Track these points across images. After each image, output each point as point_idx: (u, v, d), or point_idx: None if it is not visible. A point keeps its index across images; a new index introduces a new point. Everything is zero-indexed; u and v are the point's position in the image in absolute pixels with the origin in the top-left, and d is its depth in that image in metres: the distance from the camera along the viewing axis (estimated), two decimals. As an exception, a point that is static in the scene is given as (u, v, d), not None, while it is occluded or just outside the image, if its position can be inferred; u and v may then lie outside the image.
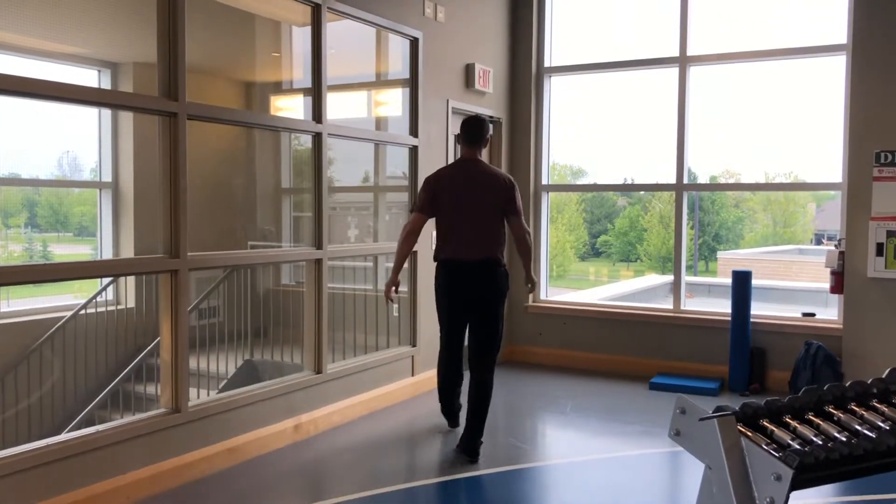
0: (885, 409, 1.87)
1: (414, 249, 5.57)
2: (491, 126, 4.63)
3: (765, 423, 1.78)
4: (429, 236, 5.72)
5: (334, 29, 4.77)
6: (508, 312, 6.87)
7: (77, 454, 3.33)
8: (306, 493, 3.87)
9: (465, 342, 4.45)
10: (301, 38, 5.12)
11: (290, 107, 6.59)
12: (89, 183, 6.39)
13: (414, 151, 5.55)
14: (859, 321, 5.43)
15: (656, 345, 6.27)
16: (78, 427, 4.53)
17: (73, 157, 6.52)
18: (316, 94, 4.65)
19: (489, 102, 6.47)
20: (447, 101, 5.86)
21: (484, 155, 4.51)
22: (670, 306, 6.39)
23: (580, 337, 6.47)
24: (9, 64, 5.37)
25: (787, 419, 1.81)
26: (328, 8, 4.63)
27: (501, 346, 6.30)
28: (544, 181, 6.87)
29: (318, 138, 4.66)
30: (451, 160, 6.00)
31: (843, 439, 1.72)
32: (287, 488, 3.87)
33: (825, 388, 1.89)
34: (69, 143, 6.24)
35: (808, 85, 6.37)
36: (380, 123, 5.91)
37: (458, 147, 4.55)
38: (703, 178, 7.55)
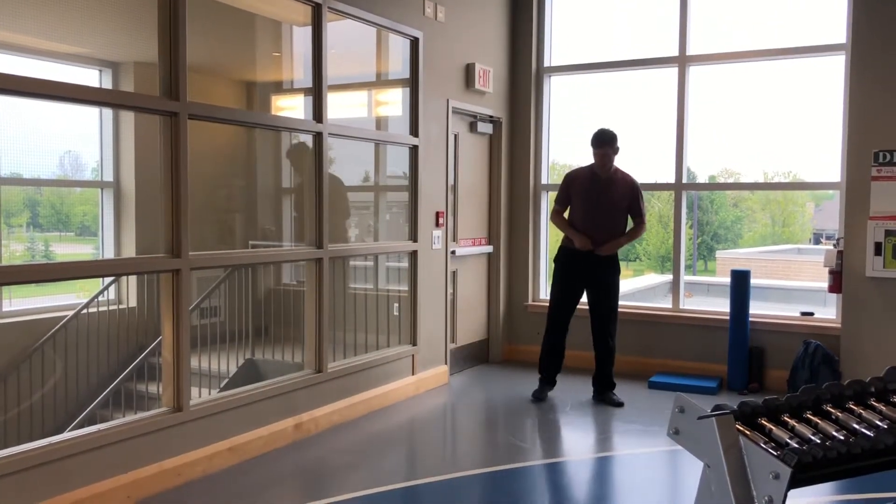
0: (883, 408, 1.88)
1: (414, 248, 5.59)
2: (606, 137, 5.33)
3: (763, 421, 1.79)
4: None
5: (335, 29, 4.78)
6: (507, 312, 6.90)
7: (79, 453, 3.34)
8: (306, 492, 3.89)
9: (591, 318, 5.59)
10: (302, 37, 5.12)
11: (291, 106, 6.59)
12: (91, 182, 6.40)
13: (414, 151, 5.56)
14: (857, 320, 5.45)
15: (655, 344, 6.28)
16: (80, 426, 4.55)
17: (75, 157, 6.53)
18: (316, 93, 4.66)
19: (489, 102, 6.48)
20: (447, 100, 5.87)
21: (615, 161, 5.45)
22: (669, 305, 6.41)
23: (579, 336, 6.46)
24: (10, 64, 5.38)
25: (786, 418, 1.82)
26: (329, 8, 4.64)
27: (504, 343, 6.33)
28: (544, 181, 6.88)
29: (318, 138, 4.67)
30: (451, 160, 6.02)
31: (842, 438, 1.73)
32: (287, 487, 3.89)
33: (823, 386, 1.90)
34: (71, 142, 6.25)
35: (807, 85, 6.38)
36: (380, 123, 5.92)
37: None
38: (702, 178, 7.56)
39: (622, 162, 5.47)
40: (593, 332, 5.47)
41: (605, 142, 5.27)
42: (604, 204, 5.32)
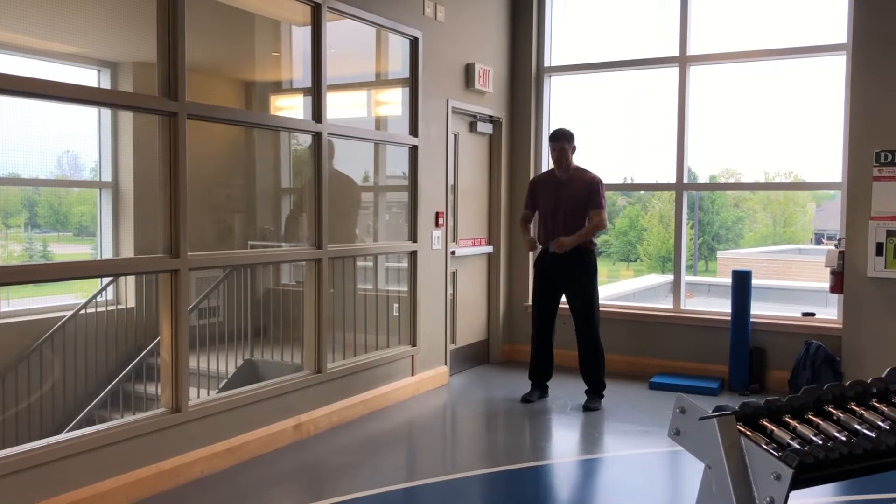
0: (885, 409, 1.87)
1: (414, 248, 5.58)
2: (562, 132, 5.35)
3: (764, 422, 1.78)
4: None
5: (334, 28, 4.77)
6: (507, 312, 6.89)
7: (77, 454, 3.33)
8: (306, 493, 3.87)
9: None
10: (301, 37, 5.12)
11: (290, 106, 6.58)
12: (89, 182, 6.39)
13: (414, 151, 5.55)
14: (859, 321, 5.44)
15: (656, 344, 6.27)
16: (78, 427, 4.53)
17: (73, 157, 6.52)
18: (316, 93, 4.65)
19: (489, 102, 6.47)
20: (447, 100, 5.86)
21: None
22: (670, 306, 6.40)
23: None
24: (9, 64, 5.37)
25: (787, 419, 1.80)
26: (328, 7, 4.63)
27: (504, 343, 6.32)
28: (544, 181, 6.86)
29: (317, 138, 4.66)
30: (450, 159, 6.01)
31: (843, 439, 1.72)
32: (287, 488, 3.88)
33: (825, 387, 1.89)
34: (69, 142, 6.23)
35: (808, 85, 6.37)
36: (380, 123, 5.91)
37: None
38: (703, 178, 7.55)
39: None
40: (576, 333, 5.42)
41: (561, 136, 5.29)
42: (564, 204, 5.31)
